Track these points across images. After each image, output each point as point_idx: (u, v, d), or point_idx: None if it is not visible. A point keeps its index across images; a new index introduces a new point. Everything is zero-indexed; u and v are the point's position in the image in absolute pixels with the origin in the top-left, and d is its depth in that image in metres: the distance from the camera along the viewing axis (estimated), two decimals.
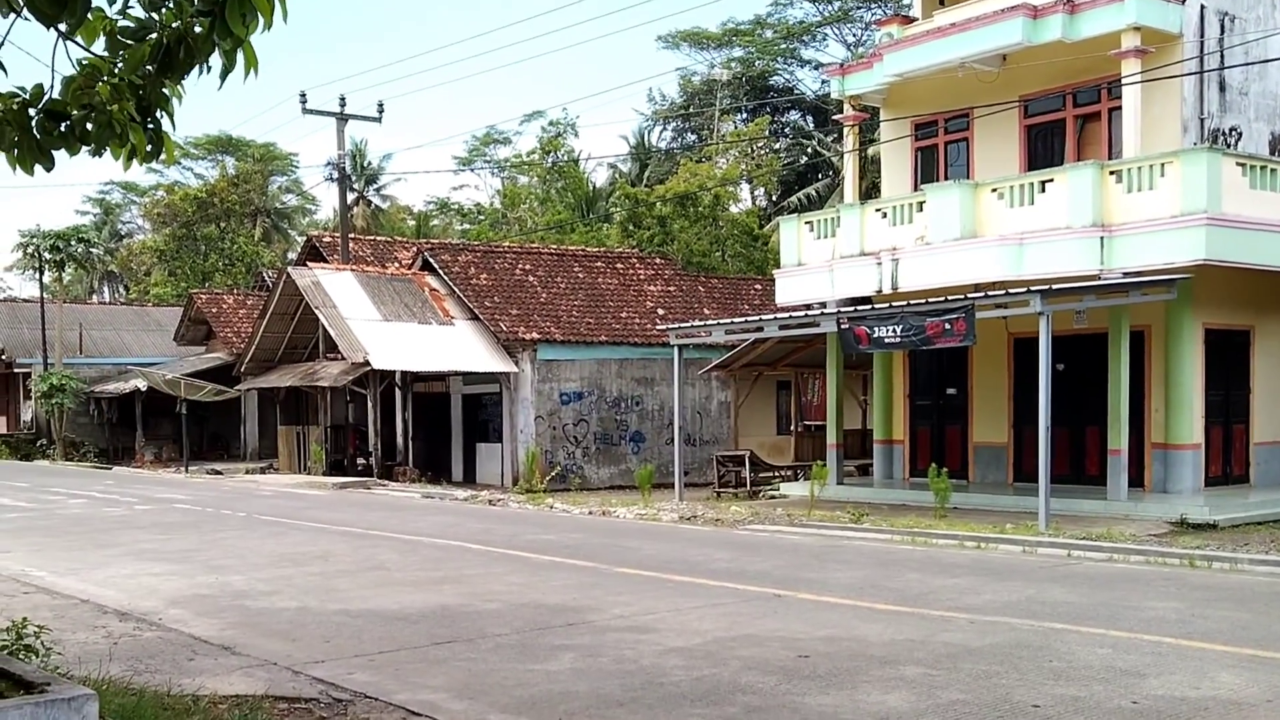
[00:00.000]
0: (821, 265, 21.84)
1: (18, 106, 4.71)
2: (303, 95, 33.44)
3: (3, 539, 16.71)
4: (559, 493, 26.15)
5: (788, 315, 21.93)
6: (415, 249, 34.33)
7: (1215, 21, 19.13)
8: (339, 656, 8.53)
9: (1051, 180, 18.48)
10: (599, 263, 33.49)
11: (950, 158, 22.54)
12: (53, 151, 4.80)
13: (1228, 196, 17.23)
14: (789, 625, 9.50)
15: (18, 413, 47.77)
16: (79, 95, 4.62)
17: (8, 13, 4.41)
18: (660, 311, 31.56)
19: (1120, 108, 18.90)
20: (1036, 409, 16.93)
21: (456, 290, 30.22)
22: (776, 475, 24.88)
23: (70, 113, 4.69)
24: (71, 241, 45.32)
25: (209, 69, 4.58)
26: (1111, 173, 17.97)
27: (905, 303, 18.59)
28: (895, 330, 18.22)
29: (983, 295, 17.81)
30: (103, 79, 4.61)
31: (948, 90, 21.39)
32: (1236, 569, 12.72)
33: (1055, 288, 17.03)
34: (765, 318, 22.35)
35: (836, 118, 27.04)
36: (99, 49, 4.63)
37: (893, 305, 18.73)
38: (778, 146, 53.18)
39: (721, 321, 24.01)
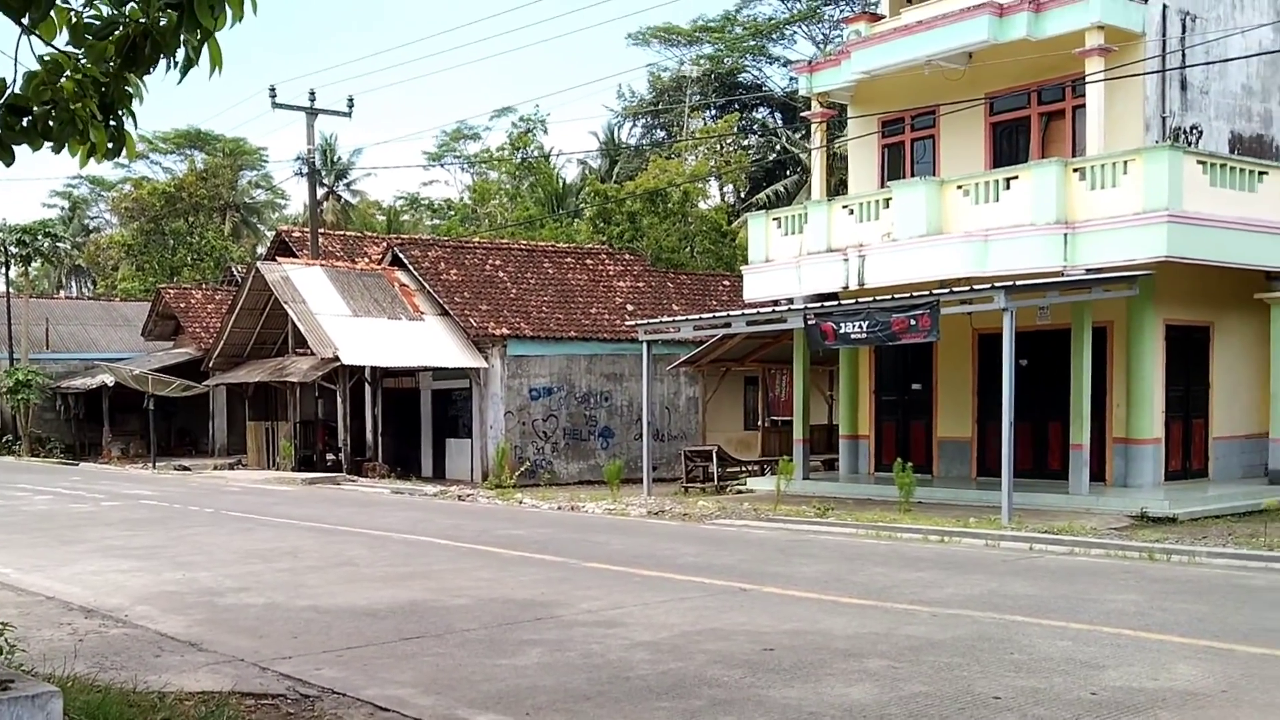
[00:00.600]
0: (789, 261, 21.95)
1: None
2: (272, 90, 33.33)
3: None
4: (528, 488, 26.16)
5: (755, 311, 22.03)
6: (385, 244, 34.21)
7: (1177, 21, 19.35)
8: (307, 652, 8.53)
9: (1016, 177, 18.66)
10: (569, 259, 33.51)
11: (917, 155, 22.69)
12: (13, 146, 4.78)
13: (1189, 194, 17.45)
14: (755, 619, 9.58)
15: None
16: (41, 91, 4.60)
17: None
18: (629, 307, 31.61)
19: (1084, 106, 19.10)
20: (1000, 404, 17.11)
21: (426, 286, 30.16)
22: (744, 470, 25.00)
23: (32, 108, 4.67)
24: (38, 236, 44.94)
25: (175, 64, 4.55)
26: (1075, 170, 18.16)
27: (871, 299, 18.72)
28: (861, 326, 18.35)
29: (948, 291, 17.95)
30: (66, 74, 4.60)
31: (914, 88, 21.53)
32: (1195, 562, 12.91)
33: (1019, 284, 17.20)
34: (733, 314, 22.47)
35: (804, 115, 27.15)
36: (62, 43, 4.62)
37: (859, 301, 18.85)
38: (746, 143, 53.30)
39: (690, 317, 24.07)
